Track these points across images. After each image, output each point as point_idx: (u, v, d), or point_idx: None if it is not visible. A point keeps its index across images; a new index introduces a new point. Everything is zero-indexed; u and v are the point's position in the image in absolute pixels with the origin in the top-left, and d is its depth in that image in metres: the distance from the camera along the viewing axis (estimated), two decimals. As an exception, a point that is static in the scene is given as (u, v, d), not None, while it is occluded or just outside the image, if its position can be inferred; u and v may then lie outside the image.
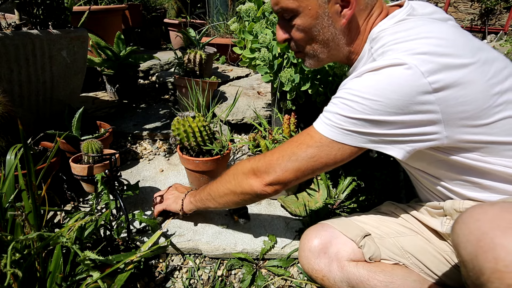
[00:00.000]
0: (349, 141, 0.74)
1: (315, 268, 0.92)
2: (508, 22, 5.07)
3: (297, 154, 0.79)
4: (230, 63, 2.99)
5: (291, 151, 0.80)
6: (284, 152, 0.81)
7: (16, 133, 1.14)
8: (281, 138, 1.29)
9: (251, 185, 0.86)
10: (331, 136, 0.75)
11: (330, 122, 0.74)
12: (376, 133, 0.71)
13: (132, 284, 0.99)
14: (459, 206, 0.78)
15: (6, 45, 1.27)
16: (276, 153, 0.83)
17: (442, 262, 0.84)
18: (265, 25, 1.39)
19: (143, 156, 1.70)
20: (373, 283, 0.84)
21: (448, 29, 0.72)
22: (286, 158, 0.80)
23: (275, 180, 0.82)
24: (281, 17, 0.85)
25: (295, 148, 0.79)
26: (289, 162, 0.80)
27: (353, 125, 0.72)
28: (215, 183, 0.99)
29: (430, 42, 0.67)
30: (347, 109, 0.71)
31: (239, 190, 0.89)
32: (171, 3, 4.08)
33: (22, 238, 0.71)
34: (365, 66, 0.73)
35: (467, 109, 0.66)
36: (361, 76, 0.72)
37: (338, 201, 1.32)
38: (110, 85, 2.17)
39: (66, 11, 1.52)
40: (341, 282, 0.88)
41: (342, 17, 0.78)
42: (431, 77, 0.64)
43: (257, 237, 1.16)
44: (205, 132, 1.27)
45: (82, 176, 1.21)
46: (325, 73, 1.28)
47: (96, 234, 0.99)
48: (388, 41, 0.73)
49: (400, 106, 0.67)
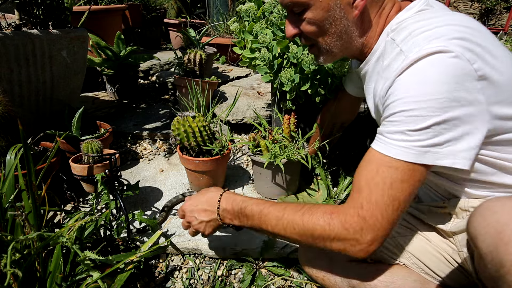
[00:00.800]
0: (427, 159, 0.65)
1: (316, 268, 0.92)
2: (508, 22, 5.06)
3: (399, 199, 0.66)
4: (230, 63, 2.99)
5: (391, 195, 0.66)
6: (380, 200, 0.66)
7: (16, 133, 1.14)
8: (281, 138, 1.29)
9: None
10: (413, 159, 0.65)
11: (408, 144, 0.65)
12: (442, 141, 0.64)
13: (132, 284, 0.99)
14: (465, 205, 0.77)
15: (6, 45, 1.27)
16: (366, 204, 0.68)
17: (443, 262, 0.84)
18: (265, 25, 1.39)
19: (143, 156, 1.70)
20: (373, 283, 0.84)
21: (471, 19, 0.70)
22: (388, 207, 0.66)
23: (379, 236, 0.68)
24: (291, 11, 0.81)
25: (390, 190, 0.66)
26: (394, 211, 0.67)
27: (428, 134, 0.63)
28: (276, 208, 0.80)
29: (460, 30, 0.64)
30: (417, 119, 0.63)
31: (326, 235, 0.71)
32: (171, 3, 4.07)
33: (22, 238, 0.71)
34: (397, 62, 0.67)
35: (501, 99, 0.64)
36: (404, 75, 0.65)
37: (338, 201, 1.32)
38: (110, 85, 2.17)
39: (66, 11, 1.52)
40: (341, 282, 0.88)
41: (354, 8, 0.76)
42: (475, 65, 0.61)
43: (257, 237, 1.16)
44: (205, 132, 1.27)
45: (82, 176, 1.21)
46: (325, 73, 1.28)
47: (96, 234, 0.99)
48: (414, 29, 0.69)
49: (456, 97, 0.61)
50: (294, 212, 0.75)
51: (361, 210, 0.67)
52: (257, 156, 1.29)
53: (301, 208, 0.75)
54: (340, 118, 1.28)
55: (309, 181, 1.48)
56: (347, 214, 0.69)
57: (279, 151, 1.25)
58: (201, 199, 0.93)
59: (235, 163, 1.67)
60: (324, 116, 1.31)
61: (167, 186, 1.46)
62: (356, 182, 0.71)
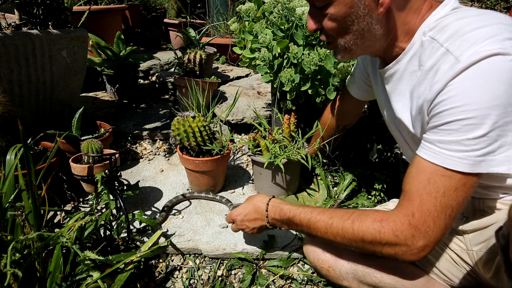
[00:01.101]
0: (482, 168, 0.64)
1: (321, 258, 0.91)
2: (508, 22, 5.04)
3: (452, 206, 0.66)
4: (230, 63, 2.99)
5: (443, 203, 0.66)
6: (432, 208, 0.66)
7: (16, 133, 1.14)
8: (281, 138, 1.29)
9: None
10: (468, 169, 0.63)
11: (463, 154, 0.63)
12: (495, 148, 0.63)
13: (132, 284, 0.99)
14: (480, 205, 0.78)
15: (6, 45, 1.27)
16: (420, 212, 0.67)
17: (449, 261, 0.84)
18: (265, 25, 1.39)
19: (143, 156, 1.70)
20: (379, 275, 0.84)
21: (508, 17, 0.68)
22: (441, 215, 0.66)
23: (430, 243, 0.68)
24: (313, 5, 0.78)
25: (442, 198, 0.66)
26: (446, 218, 0.66)
27: (484, 143, 0.62)
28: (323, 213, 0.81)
29: (509, 29, 0.62)
30: (474, 128, 0.61)
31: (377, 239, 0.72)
32: (171, 3, 4.07)
33: (22, 238, 0.71)
34: (446, 64, 0.64)
35: None
36: (459, 80, 0.61)
37: (338, 201, 1.32)
38: (110, 85, 2.17)
39: (66, 11, 1.52)
40: (346, 273, 0.88)
41: (379, 5, 0.71)
42: None
43: (257, 237, 1.16)
44: (205, 132, 1.27)
45: (82, 176, 1.21)
46: (326, 74, 1.28)
47: (96, 234, 0.99)
48: (459, 27, 0.65)
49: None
50: (343, 221, 0.76)
51: (413, 218, 0.67)
52: (257, 156, 1.29)
53: (350, 215, 0.76)
54: (342, 120, 1.28)
55: (309, 181, 1.48)
56: (397, 221, 0.69)
57: (279, 151, 1.25)
58: (248, 207, 0.99)
59: (235, 163, 1.67)
60: (326, 118, 1.31)
61: (167, 186, 1.46)
62: (407, 190, 0.70)
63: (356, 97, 1.15)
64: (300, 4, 1.28)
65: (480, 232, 0.77)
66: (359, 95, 1.14)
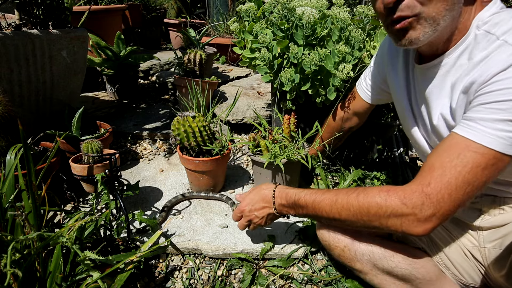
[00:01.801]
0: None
1: (337, 237, 0.90)
2: (508, 22, 5.03)
3: (473, 184, 0.65)
4: (230, 63, 2.99)
5: (466, 180, 0.65)
6: (453, 181, 0.65)
7: (16, 133, 1.14)
8: (281, 138, 1.29)
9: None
10: (505, 150, 0.64)
11: (504, 134, 0.63)
12: None
13: (132, 284, 0.99)
14: (500, 203, 0.79)
15: (6, 45, 1.27)
16: (438, 181, 0.66)
17: (461, 255, 0.85)
18: (265, 25, 1.39)
19: (143, 156, 1.70)
20: (396, 260, 0.84)
21: None
22: (459, 190, 0.66)
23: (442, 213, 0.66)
24: None
25: (468, 174, 0.65)
26: (464, 195, 0.66)
27: None
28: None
29: None
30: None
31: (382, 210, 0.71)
32: (171, 3, 4.07)
33: (22, 238, 0.71)
34: (503, 53, 0.65)
35: None
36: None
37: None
38: (110, 85, 2.17)
39: (66, 11, 1.52)
40: (362, 255, 0.87)
41: None
42: None
43: (257, 237, 1.16)
44: (205, 132, 1.27)
45: (82, 176, 1.21)
46: (326, 74, 1.28)
47: (96, 234, 0.99)
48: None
49: None
50: (348, 195, 0.76)
51: (427, 187, 0.66)
52: (257, 156, 1.29)
53: (354, 190, 0.76)
54: (349, 123, 1.28)
55: (309, 181, 1.48)
56: (407, 190, 0.68)
57: (279, 151, 1.25)
58: (255, 197, 0.98)
59: (235, 163, 1.67)
60: (331, 121, 1.30)
61: (167, 186, 1.46)
62: (429, 163, 0.69)
63: (369, 102, 1.14)
64: (300, 4, 1.28)
65: (497, 230, 0.78)
66: (374, 100, 1.13)
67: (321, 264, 1.11)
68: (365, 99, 1.15)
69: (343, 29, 1.28)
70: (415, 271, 0.83)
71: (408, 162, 1.67)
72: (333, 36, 1.29)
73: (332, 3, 1.39)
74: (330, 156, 1.47)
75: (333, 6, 1.36)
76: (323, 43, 1.32)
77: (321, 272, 1.09)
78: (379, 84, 1.08)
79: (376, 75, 1.08)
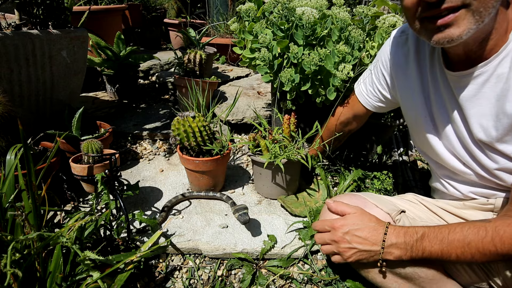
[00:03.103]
0: None
1: None
2: (508, 22, 5.02)
3: None
4: (230, 63, 2.99)
5: None
6: None
7: (16, 133, 1.14)
8: (281, 138, 1.29)
9: None
10: None
11: None
12: None
13: (132, 284, 0.99)
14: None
15: (6, 45, 1.27)
16: None
17: None
18: (265, 25, 1.39)
19: (143, 156, 1.70)
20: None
21: None
22: None
23: None
24: None
25: None
26: None
27: None
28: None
29: None
30: None
31: None
32: (171, 3, 4.07)
33: (22, 238, 0.71)
34: None
35: None
36: None
37: (338, 201, 1.31)
38: (110, 85, 2.17)
39: (66, 11, 1.52)
40: None
41: None
42: None
43: (257, 237, 1.16)
44: (205, 132, 1.27)
45: (82, 176, 1.21)
46: (326, 74, 1.28)
47: (96, 234, 0.99)
48: None
49: None
50: (480, 238, 0.69)
51: None
52: (257, 156, 1.29)
53: (484, 229, 0.69)
54: (349, 126, 1.28)
55: (309, 181, 1.48)
56: None
57: (279, 151, 1.25)
58: (361, 222, 0.80)
59: (235, 163, 1.68)
60: (331, 123, 1.30)
61: (167, 186, 1.46)
62: None
63: (371, 109, 1.14)
64: (300, 4, 1.28)
65: None
66: (376, 108, 1.12)
67: (321, 264, 1.11)
68: (365, 105, 1.14)
69: (343, 29, 1.28)
70: (418, 270, 0.82)
71: (408, 163, 1.67)
72: (333, 36, 1.29)
73: (332, 3, 1.39)
74: (330, 156, 1.47)
75: (333, 6, 1.36)
76: (323, 43, 1.32)
77: (321, 272, 1.09)
78: (381, 91, 1.06)
79: (377, 82, 1.06)
